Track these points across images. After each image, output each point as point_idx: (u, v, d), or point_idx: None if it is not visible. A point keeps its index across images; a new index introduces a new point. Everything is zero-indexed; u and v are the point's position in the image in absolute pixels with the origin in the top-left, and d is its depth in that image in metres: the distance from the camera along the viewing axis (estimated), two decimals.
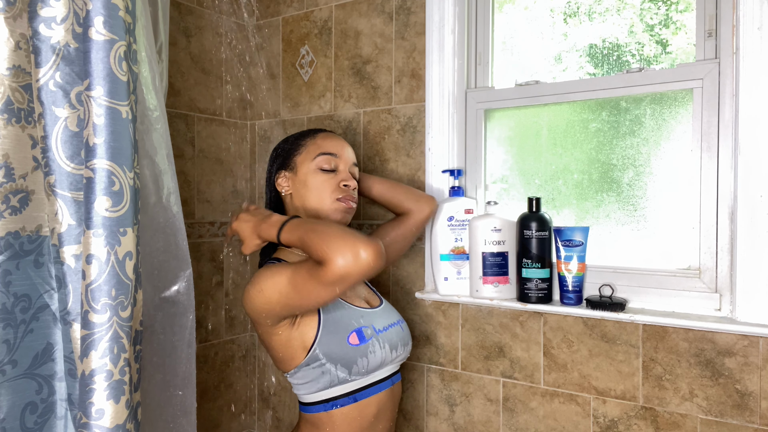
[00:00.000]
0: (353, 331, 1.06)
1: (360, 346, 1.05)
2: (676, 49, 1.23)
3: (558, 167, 1.33)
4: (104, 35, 0.85)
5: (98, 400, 0.83)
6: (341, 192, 1.14)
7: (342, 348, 1.03)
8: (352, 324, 1.07)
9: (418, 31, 1.45)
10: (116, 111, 0.86)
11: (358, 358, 1.04)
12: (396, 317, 1.19)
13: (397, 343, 1.14)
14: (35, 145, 0.89)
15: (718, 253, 1.13)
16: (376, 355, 1.07)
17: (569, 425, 1.26)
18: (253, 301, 0.99)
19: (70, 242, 0.88)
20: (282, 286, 0.96)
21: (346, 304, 1.10)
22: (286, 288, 0.95)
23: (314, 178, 1.14)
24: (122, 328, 0.85)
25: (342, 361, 1.03)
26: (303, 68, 1.67)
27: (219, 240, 1.67)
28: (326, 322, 1.04)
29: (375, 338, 1.08)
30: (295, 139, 1.21)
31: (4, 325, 0.85)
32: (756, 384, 1.07)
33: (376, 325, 1.11)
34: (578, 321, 1.24)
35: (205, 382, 1.62)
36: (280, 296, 0.96)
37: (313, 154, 1.16)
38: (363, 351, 1.05)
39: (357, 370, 1.04)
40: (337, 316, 1.06)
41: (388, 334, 1.12)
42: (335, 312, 1.07)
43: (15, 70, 0.87)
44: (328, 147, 1.17)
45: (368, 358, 1.05)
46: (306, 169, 1.15)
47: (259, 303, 0.98)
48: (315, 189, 1.14)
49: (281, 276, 0.97)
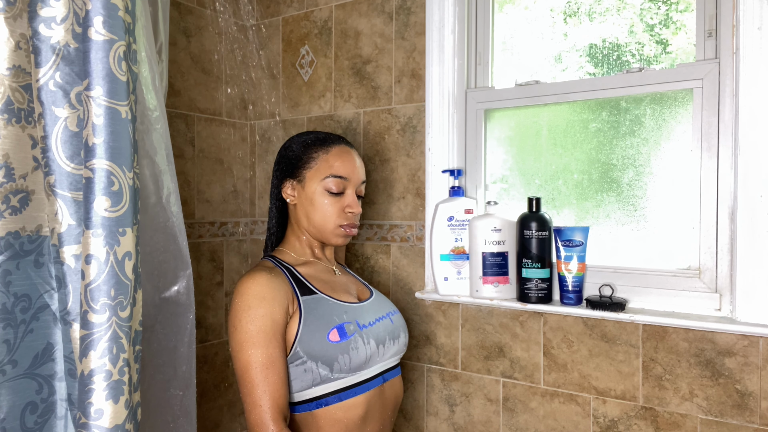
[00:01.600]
0: (334, 327, 1.04)
1: (341, 343, 1.03)
2: (676, 49, 1.23)
3: (558, 167, 1.33)
4: (104, 35, 0.85)
5: (97, 400, 0.83)
6: (345, 219, 1.17)
7: (322, 345, 1.02)
8: (333, 320, 1.05)
9: (418, 31, 1.45)
10: (116, 111, 0.86)
11: (339, 355, 1.02)
12: (386, 309, 1.18)
13: (385, 338, 1.11)
14: (35, 145, 0.89)
15: (718, 253, 1.13)
16: (359, 351, 1.05)
17: (569, 425, 1.26)
18: (235, 328, 1.03)
19: (70, 242, 0.88)
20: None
21: (331, 300, 1.10)
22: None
23: (321, 199, 1.15)
24: (121, 328, 0.85)
25: (323, 359, 1.02)
26: (303, 68, 1.67)
27: (219, 240, 1.67)
28: (307, 319, 1.04)
29: (358, 334, 1.06)
30: (306, 147, 1.19)
31: (4, 325, 0.85)
32: (756, 384, 1.06)
33: (362, 320, 1.10)
34: (578, 321, 1.24)
35: (205, 382, 1.62)
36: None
37: (324, 173, 1.15)
38: (344, 348, 1.03)
39: (339, 367, 1.03)
40: (319, 313, 1.06)
41: (374, 329, 1.10)
42: (317, 309, 1.06)
43: (15, 70, 0.87)
44: (339, 170, 1.16)
45: (350, 354, 1.03)
46: (314, 188, 1.16)
47: (237, 334, 1.02)
48: (320, 210, 1.16)
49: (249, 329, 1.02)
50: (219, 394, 1.68)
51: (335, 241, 1.17)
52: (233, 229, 1.71)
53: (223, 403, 1.69)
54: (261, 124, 1.76)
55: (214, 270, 1.66)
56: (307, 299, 1.07)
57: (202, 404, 1.60)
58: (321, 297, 1.09)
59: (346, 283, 1.19)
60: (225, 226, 1.69)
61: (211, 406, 1.65)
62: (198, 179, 1.61)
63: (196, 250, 1.58)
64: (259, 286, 1.03)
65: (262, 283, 1.03)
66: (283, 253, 1.19)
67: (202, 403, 1.60)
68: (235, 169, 1.72)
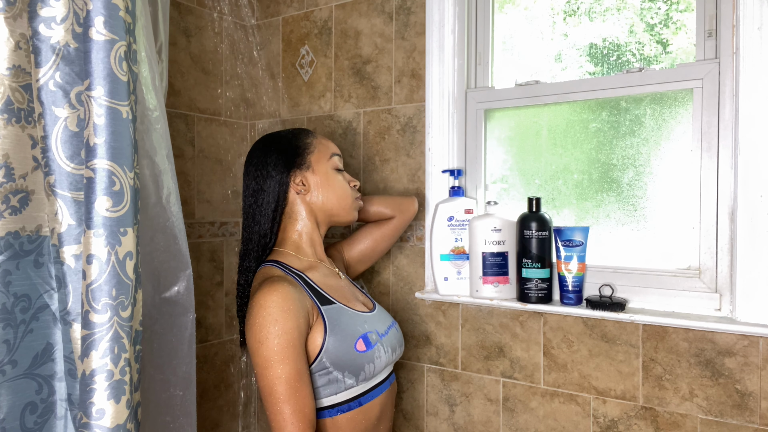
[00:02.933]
0: (360, 337, 1.05)
1: (367, 352, 1.04)
2: (676, 49, 1.23)
3: (558, 167, 1.33)
4: (104, 35, 0.84)
5: (99, 400, 0.83)
6: (354, 192, 1.22)
7: (350, 355, 1.02)
8: (357, 330, 1.06)
9: (418, 31, 1.45)
10: (116, 111, 0.86)
11: (366, 364, 1.04)
12: (390, 319, 1.20)
13: (396, 346, 1.14)
14: (35, 145, 0.89)
15: (718, 253, 1.13)
16: (381, 359, 1.07)
17: (569, 425, 1.26)
18: (253, 349, 0.97)
19: (69, 242, 0.88)
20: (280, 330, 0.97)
21: (349, 309, 1.09)
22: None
23: (334, 176, 1.18)
24: (123, 328, 0.85)
25: (350, 368, 1.02)
26: (303, 68, 1.67)
27: (219, 240, 1.67)
28: (332, 330, 1.03)
29: (380, 343, 1.08)
30: (295, 137, 1.18)
31: (4, 325, 0.85)
32: (756, 384, 1.07)
33: (379, 329, 1.11)
34: (578, 321, 1.24)
35: (205, 382, 1.62)
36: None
37: (327, 154, 1.18)
38: (370, 357, 1.05)
39: (365, 375, 1.04)
40: (343, 323, 1.05)
41: (388, 337, 1.13)
42: (340, 318, 1.05)
43: (15, 70, 0.87)
44: (334, 148, 1.21)
45: (375, 363, 1.05)
46: (324, 168, 1.17)
47: (263, 350, 0.96)
48: (338, 187, 1.17)
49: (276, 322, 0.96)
50: (219, 394, 1.68)
51: (352, 215, 1.20)
52: (233, 229, 1.71)
53: (223, 403, 1.69)
54: (261, 124, 1.76)
55: (214, 270, 1.65)
56: (328, 309, 1.06)
57: (202, 404, 1.60)
58: (340, 307, 1.08)
59: (352, 290, 1.20)
60: (225, 226, 1.69)
61: (211, 406, 1.65)
62: (198, 179, 1.61)
63: (196, 250, 1.58)
64: (283, 299, 0.98)
65: (286, 294, 0.99)
66: (284, 255, 1.14)
67: (202, 403, 1.60)
68: (235, 169, 1.72)
